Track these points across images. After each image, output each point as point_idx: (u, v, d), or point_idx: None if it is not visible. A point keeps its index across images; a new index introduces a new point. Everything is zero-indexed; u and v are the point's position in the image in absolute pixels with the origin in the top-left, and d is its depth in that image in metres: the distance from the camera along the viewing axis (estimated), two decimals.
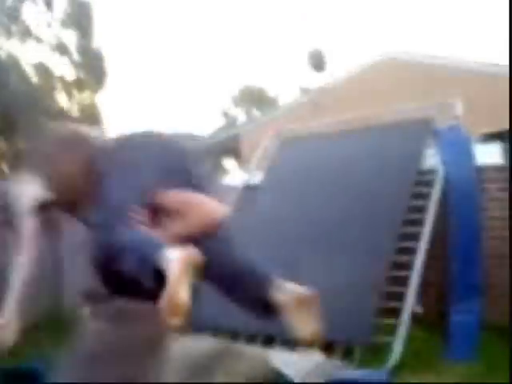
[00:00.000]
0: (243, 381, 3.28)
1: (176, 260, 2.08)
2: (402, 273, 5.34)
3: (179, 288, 2.07)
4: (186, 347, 3.31)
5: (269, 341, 5.11)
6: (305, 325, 2.43)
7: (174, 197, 2.42)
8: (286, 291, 2.44)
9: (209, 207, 2.45)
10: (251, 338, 5.18)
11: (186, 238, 2.30)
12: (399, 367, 4.56)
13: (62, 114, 16.96)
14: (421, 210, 5.72)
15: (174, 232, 2.35)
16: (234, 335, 5.15)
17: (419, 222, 5.60)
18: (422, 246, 5.44)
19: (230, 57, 53.89)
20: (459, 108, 6.49)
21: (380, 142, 6.80)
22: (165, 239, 2.23)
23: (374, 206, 6.00)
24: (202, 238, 2.37)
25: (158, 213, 2.37)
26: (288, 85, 43.35)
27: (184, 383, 3.07)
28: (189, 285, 2.11)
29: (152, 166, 2.46)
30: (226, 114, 36.80)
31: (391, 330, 4.87)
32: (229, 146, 16.28)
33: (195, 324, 4.92)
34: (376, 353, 4.82)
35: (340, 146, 7.16)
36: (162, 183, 2.41)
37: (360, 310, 5.16)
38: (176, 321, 2.11)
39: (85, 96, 19.16)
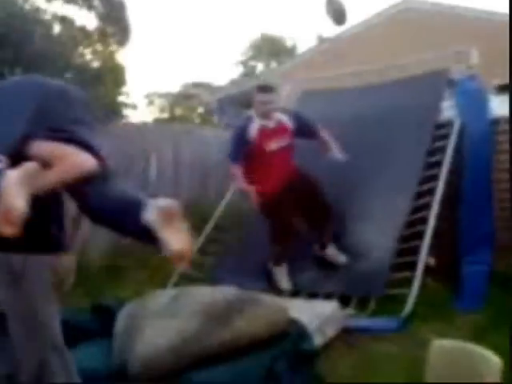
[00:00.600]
0: (261, 326, 3.45)
1: (10, 174, 2.14)
2: (417, 228, 5.41)
3: (13, 196, 2.11)
4: (207, 296, 3.48)
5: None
6: (175, 238, 2.30)
7: (44, 148, 2.38)
8: (152, 209, 2.34)
9: (75, 161, 2.41)
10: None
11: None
12: (412, 316, 4.71)
13: (84, 68, 16.89)
14: (436, 165, 5.75)
15: (47, 182, 2.33)
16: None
17: (435, 178, 5.64)
18: (437, 200, 5.49)
19: (247, 6, 53.18)
20: (475, 57, 6.45)
21: (397, 94, 6.74)
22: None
23: (391, 161, 6.01)
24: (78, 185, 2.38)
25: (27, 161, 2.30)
26: (305, 34, 42.71)
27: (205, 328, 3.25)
28: (26, 196, 2.15)
29: (23, 112, 2.42)
30: (244, 64, 36.54)
31: (405, 283, 5.00)
32: (247, 97, 16.23)
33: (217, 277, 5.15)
34: (390, 304, 4.93)
35: (357, 99, 7.13)
36: (33, 129, 2.39)
37: (376, 264, 5.29)
38: (10, 229, 2.13)
39: (108, 50, 19.05)
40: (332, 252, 5.46)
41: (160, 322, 3.24)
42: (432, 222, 5.35)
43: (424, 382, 2.37)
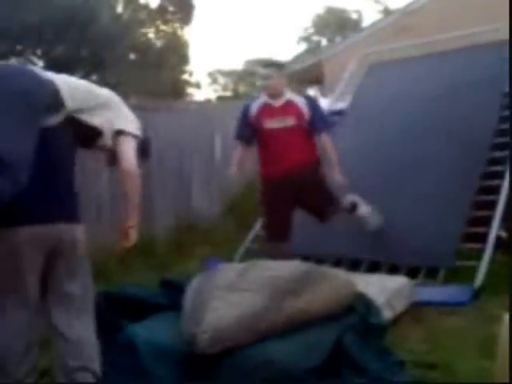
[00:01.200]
0: (329, 300, 3.43)
1: None
2: (489, 197, 5.33)
3: None
4: (275, 269, 3.48)
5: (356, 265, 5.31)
6: None
7: None
8: None
9: None
10: (338, 262, 5.37)
11: None
12: (481, 290, 4.62)
13: (148, 48, 17.09)
14: (508, 132, 5.62)
15: None
16: (321, 260, 5.35)
17: (506, 146, 5.52)
18: (509, 169, 5.40)
19: None
20: None
21: (465, 64, 6.68)
22: None
23: (461, 129, 5.94)
24: None
25: None
26: (371, 7, 42.13)
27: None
28: None
29: None
30: (307, 40, 36.23)
31: (476, 255, 4.91)
32: (311, 73, 16.12)
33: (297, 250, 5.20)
34: (459, 276, 4.89)
35: (425, 70, 7.07)
36: None
37: (446, 235, 5.21)
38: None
39: (171, 28, 19.16)
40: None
41: (228, 295, 3.25)
42: (505, 191, 5.24)
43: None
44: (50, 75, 2.71)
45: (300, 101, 5.18)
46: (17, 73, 2.70)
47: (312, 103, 5.28)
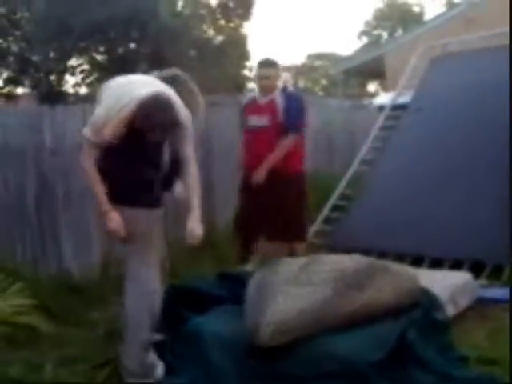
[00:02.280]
0: (392, 295, 3.43)
1: None
2: None
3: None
4: (338, 263, 3.49)
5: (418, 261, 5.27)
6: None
7: None
8: None
9: None
10: (400, 258, 5.34)
11: None
12: None
13: (208, 44, 17.20)
14: None
15: None
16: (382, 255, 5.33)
17: None
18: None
19: None
20: None
21: None
22: None
23: None
24: None
25: None
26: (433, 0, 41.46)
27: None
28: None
29: None
30: (368, 34, 35.90)
31: None
32: (372, 68, 16.00)
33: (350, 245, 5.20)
34: None
35: (493, 63, 6.93)
36: None
37: (510, 231, 5.12)
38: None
39: (231, 24, 19.26)
40: None
41: (291, 288, 3.27)
42: None
43: None
44: None
45: (280, 100, 5.04)
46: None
47: (287, 103, 5.04)
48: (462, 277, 4.49)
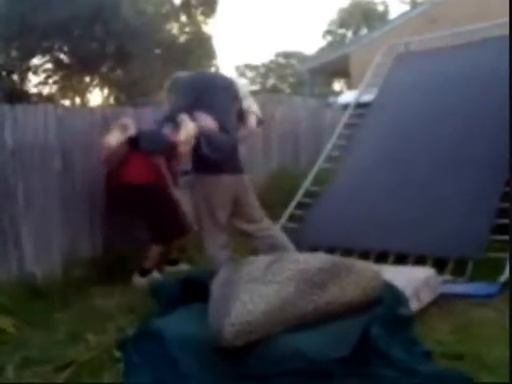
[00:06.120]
0: (356, 292, 3.43)
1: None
2: None
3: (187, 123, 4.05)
4: (302, 262, 3.48)
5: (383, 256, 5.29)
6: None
7: None
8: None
9: None
10: (365, 254, 5.36)
11: None
12: (509, 283, 4.58)
13: (172, 42, 17.12)
14: None
15: None
16: (348, 251, 5.37)
17: None
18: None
19: None
20: None
21: (496, 56, 6.60)
22: None
23: (492, 122, 5.90)
24: None
25: None
26: None
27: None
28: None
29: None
30: (333, 33, 36.07)
31: (504, 247, 4.86)
32: (337, 66, 16.08)
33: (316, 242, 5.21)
34: (487, 269, 4.84)
35: (454, 60, 7.02)
36: None
37: (474, 226, 5.17)
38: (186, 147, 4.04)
39: (194, 22, 19.18)
40: None
41: (256, 287, 3.26)
42: None
43: None
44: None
45: None
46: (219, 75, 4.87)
47: None
48: (425, 272, 4.51)
